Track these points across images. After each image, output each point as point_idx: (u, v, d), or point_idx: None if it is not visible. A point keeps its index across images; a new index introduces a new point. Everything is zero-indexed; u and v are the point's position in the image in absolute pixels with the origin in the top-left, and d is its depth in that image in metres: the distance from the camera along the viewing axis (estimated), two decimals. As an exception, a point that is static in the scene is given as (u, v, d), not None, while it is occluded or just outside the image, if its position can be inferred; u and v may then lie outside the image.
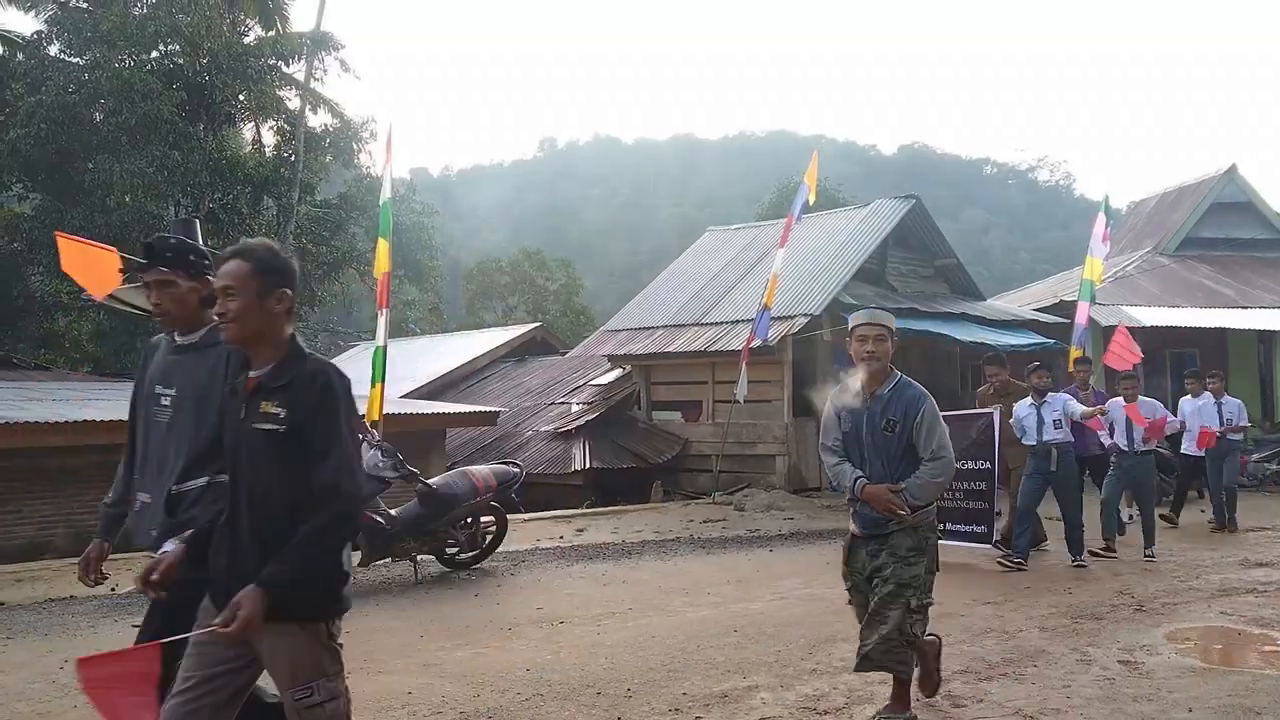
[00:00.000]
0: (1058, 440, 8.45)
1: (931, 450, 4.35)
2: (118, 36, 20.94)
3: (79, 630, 6.39)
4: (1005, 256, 65.26)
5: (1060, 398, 8.65)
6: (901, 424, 4.39)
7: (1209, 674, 5.19)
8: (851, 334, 4.57)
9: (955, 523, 8.71)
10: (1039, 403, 8.53)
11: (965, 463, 8.37)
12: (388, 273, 10.56)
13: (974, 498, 8.75)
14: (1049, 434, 8.46)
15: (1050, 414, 8.48)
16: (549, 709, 4.67)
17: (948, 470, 4.42)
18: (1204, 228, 21.73)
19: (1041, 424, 8.48)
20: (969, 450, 8.58)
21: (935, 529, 4.53)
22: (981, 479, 8.71)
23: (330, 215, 27.17)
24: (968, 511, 8.77)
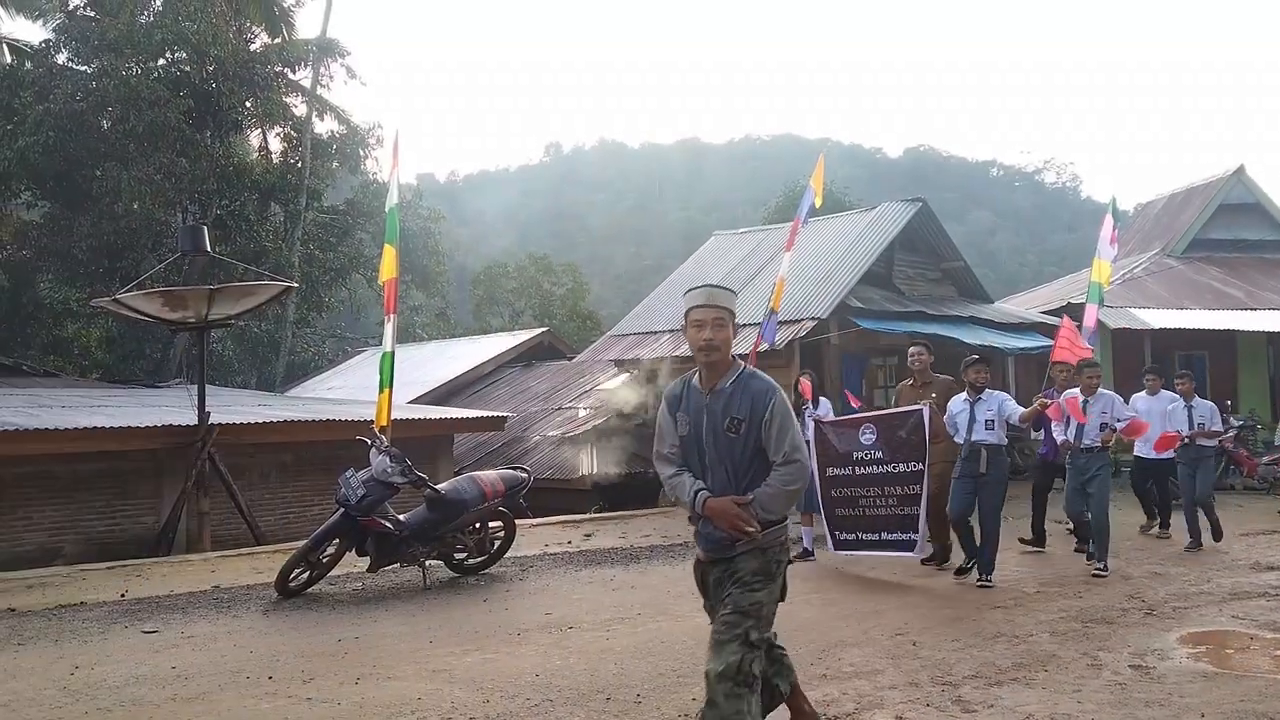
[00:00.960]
0: (988, 441, 7.79)
1: (784, 453, 3.66)
2: (125, 45, 21.05)
3: (90, 636, 6.41)
4: (1012, 259, 65.15)
5: (997, 396, 8.00)
6: (747, 423, 3.69)
7: (1221, 679, 5.16)
8: (686, 318, 3.87)
9: (888, 531, 8.22)
10: (974, 400, 7.91)
11: (896, 465, 8.14)
12: (395, 278, 10.57)
13: (906, 503, 8.13)
14: (979, 434, 7.82)
15: (984, 413, 7.85)
16: (558, 715, 4.66)
17: (802, 476, 3.72)
18: (1212, 229, 21.66)
19: (973, 422, 7.85)
20: (900, 451, 8.16)
21: (788, 550, 3.90)
22: (913, 482, 8.07)
23: (337, 221, 27.27)
24: (900, 518, 8.17)
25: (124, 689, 5.22)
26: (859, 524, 8.42)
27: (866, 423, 8.50)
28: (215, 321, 12.31)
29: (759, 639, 3.65)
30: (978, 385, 7.95)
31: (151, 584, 8.31)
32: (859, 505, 8.39)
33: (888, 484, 8.19)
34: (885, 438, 8.22)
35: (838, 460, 8.58)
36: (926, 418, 8.00)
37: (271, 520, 12.52)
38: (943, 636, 6.04)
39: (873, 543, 8.33)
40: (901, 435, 8.15)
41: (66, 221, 21.59)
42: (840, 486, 8.56)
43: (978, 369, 8.06)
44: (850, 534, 8.50)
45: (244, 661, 5.74)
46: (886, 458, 8.18)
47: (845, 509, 8.53)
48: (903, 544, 8.14)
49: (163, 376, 21.26)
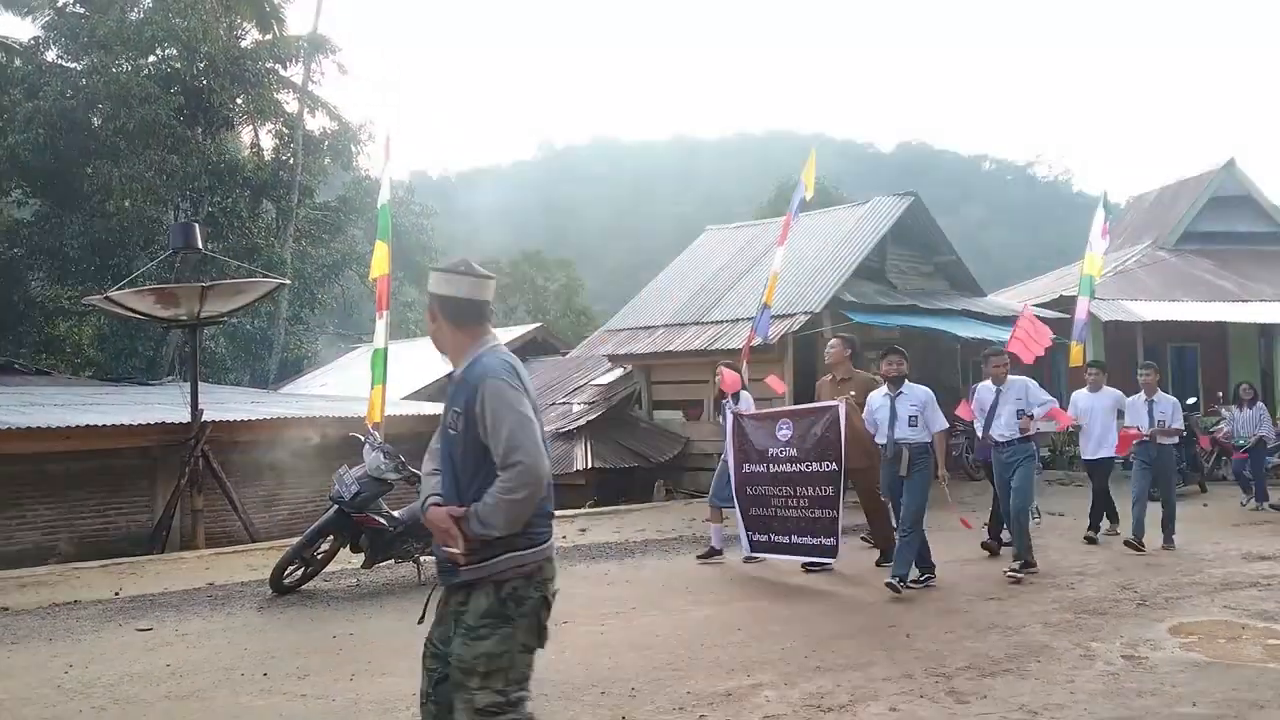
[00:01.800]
0: (910, 439, 7.24)
1: (501, 453, 2.94)
2: (115, 41, 20.97)
3: (83, 635, 6.40)
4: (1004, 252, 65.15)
5: (919, 391, 7.42)
6: (465, 416, 3.04)
7: (1212, 668, 5.19)
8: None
9: (799, 534, 7.82)
10: (894, 394, 7.37)
11: (810, 464, 7.70)
12: (387, 275, 10.56)
13: (819, 505, 7.66)
14: (901, 431, 7.27)
15: (906, 408, 7.30)
16: (553, 709, 4.67)
17: (527, 481, 2.91)
18: (1203, 222, 21.74)
19: (894, 419, 7.30)
20: (814, 450, 7.71)
21: (545, 584, 3.09)
22: (828, 484, 7.61)
23: (329, 218, 27.21)
24: (813, 521, 7.72)
25: (118, 687, 5.21)
26: (772, 525, 8.04)
27: (783, 418, 8.09)
28: (207, 319, 12.28)
29: (489, 705, 2.93)
30: (895, 378, 7.41)
31: (145, 582, 8.30)
32: (772, 505, 8.01)
33: (800, 484, 7.77)
34: (800, 435, 7.81)
35: (754, 457, 8.17)
36: (842, 415, 7.56)
37: (265, 517, 12.51)
38: (936, 628, 6.07)
39: (785, 545, 7.94)
40: (816, 433, 7.70)
41: (58, 219, 21.51)
42: (755, 484, 8.15)
43: (891, 360, 7.47)
44: (763, 535, 8.12)
45: (238, 658, 5.74)
46: (800, 456, 7.79)
47: (759, 508, 8.13)
48: (816, 548, 7.71)
49: (155, 374, 21.21)
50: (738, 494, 8.26)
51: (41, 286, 23.07)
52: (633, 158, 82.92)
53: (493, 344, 3.20)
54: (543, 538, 3.09)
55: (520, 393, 3.04)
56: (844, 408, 7.58)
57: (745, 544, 8.32)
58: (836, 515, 7.58)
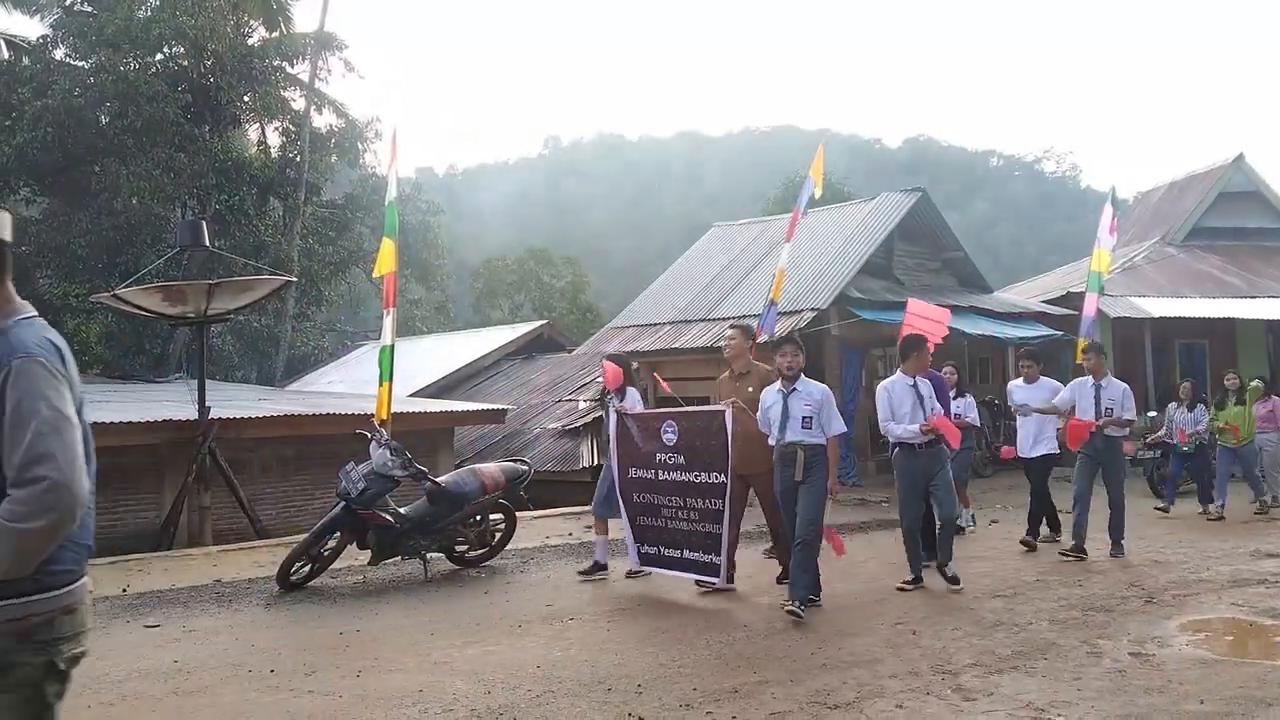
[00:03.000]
0: (804, 442, 6.49)
1: (16, 465, 2.18)
2: (122, 39, 21.03)
3: (91, 631, 6.41)
4: (1012, 249, 65.02)
5: (815, 389, 6.64)
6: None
7: (1220, 666, 5.17)
8: None
9: (689, 549, 7.14)
10: (787, 391, 6.61)
11: (697, 474, 7.01)
12: (394, 272, 10.56)
13: (707, 519, 6.98)
14: (794, 432, 6.51)
15: (801, 405, 6.54)
16: (560, 706, 4.68)
17: (53, 505, 2.18)
18: (1211, 217, 21.67)
19: (787, 418, 6.55)
20: (700, 458, 7.00)
21: (49, 645, 2.30)
22: (714, 496, 6.92)
23: (336, 215, 27.27)
24: (702, 536, 7.03)
25: (126, 683, 5.23)
26: (661, 537, 7.35)
27: (668, 419, 7.31)
28: (215, 316, 12.31)
29: None
30: (788, 372, 6.67)
31: (153, 578, 8.32)
32: (661, 515, 7.33)
33: (690, 495, 7.09)
34: (687, 441, 7.12)
35: (640, 460, 7.45)
36: (728, 421, 6.81)
37: (272, 514, 12.55)
38: (942, 625, 6.06)
39: (674, 560, 7.28)
40: (703, 440, 7.01)
41: (65, 217, 21.59)
42: (643, 491, 7.46)
43: (785, 352, 6.72)
44: (652, 547, 7.44)
45: (246, 655, 5.76)
46: (687, 464, 7.10)
47: (648, 518, 7.44)
48: (705, 566, 7.03)
49: (163, 371, 21.26)
50: (623, 500, 7.58)
51: (49, 284, 23.14)
52: (639, 154, 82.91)
53: (27, 313, 2.36)
54: (65, 579, 2.29)
55: (61, 382, 2.28)
56: (730, 414, 6.81)
57: (633, 556, 7.64)
58: (722, 532, 6.87)
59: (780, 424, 6.55)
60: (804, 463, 6.46)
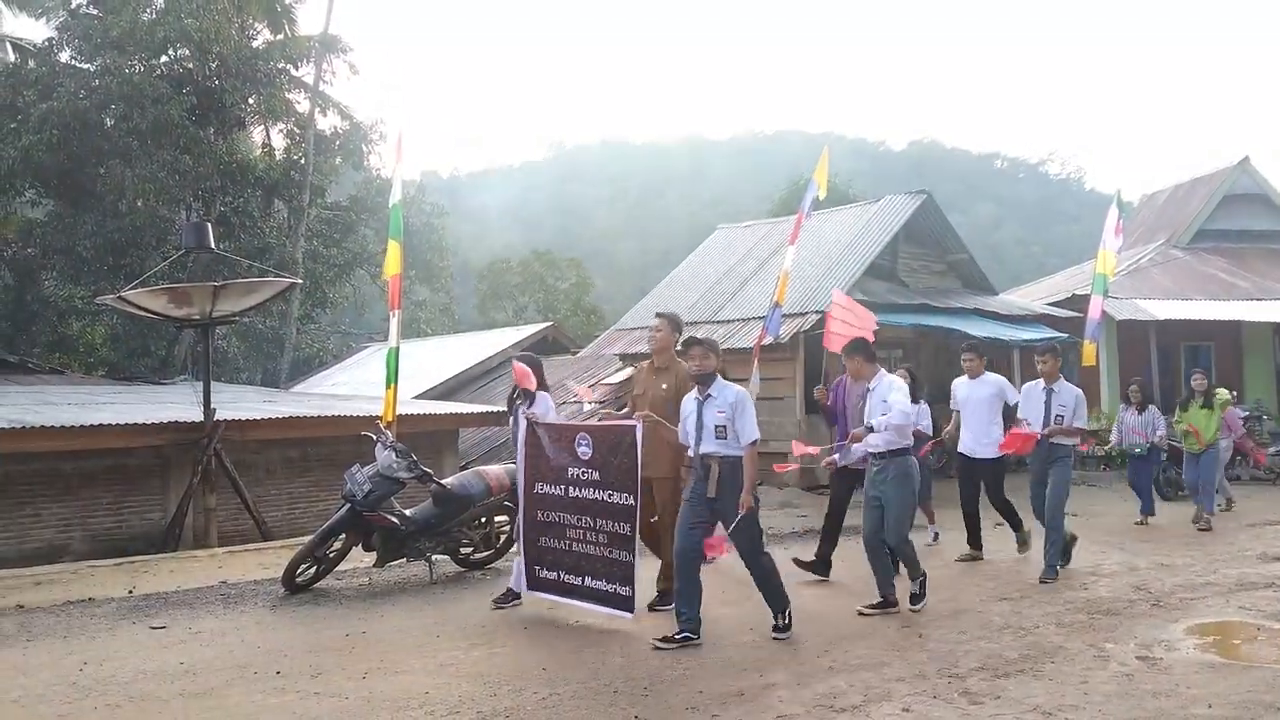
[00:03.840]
0: (718, 453, 5.83)
1: None
2: (127, 42, 21.08)
3: (98, 633, 6.43)
4: (1017, 251, 64.96)
5: (729, 393, 5.93)
6: None
7: (1228, 669, 5.16)
8: None
9: (593, 576, 6.37)
10: (702, 399, 5.94)
11: (610, 493, 6.24)
12: (399, 274, 10.57)
13: (617, 544, 6.24)
14: (709, 444, 5.85)
15: (714, 413, 5.86)
16: (566, 708, 4.68)
17: None
18: (1217, 220, 21.64)
19: (701, 428, 5.90)
20: (612, 476, 6.24)
21: None
22: (625, 520, 6.18)
23: (341, 217, 27.32)
24: (609, 563, 6.29)
25: (132, 684, 5.23)
26: (563, 561, 6.59)
27: (582, 432, 6.56)
28: (220, 318, 12.32)
29: None
30: (702, 376, 5.98)
31: (159, 580, 8.33)
32: (567, 537, 6.56)
33: (600, 515, 6.35)
34: (600, 456, 6.37)
35: (549, 475, 6.69)
36: (639, 439, 6.08)
37: (277, 516, 12.55)
38: (949, 629, 6.05)
39: (575, 588, 6.50)
40: (615, 457, 6.25)
41: (71, 219, 21.63)
42: (548, 509, 6.69)
43: (692, 354, 6.01)
44: (551, 571, 6.66)
45: (251, 656, 5.76)
46: (603, 481, 6.33)
47: (551, 539, 6.67)
48: (611, 597, 6.27)
49: (168, 373, 21.30)
50: (524, 516, 6.84)
51: (55, 286, 23.22)
52: (643, 157, 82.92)
53: None
54: None
55: None
56: (640, 429, 6.10)
57: (518, 578, 6.85)
58: (633, 560, 6.19)
59: (695, 435, 5.93)
60: (718, 478, 5.81)
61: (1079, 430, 7.83)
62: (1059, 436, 7.74)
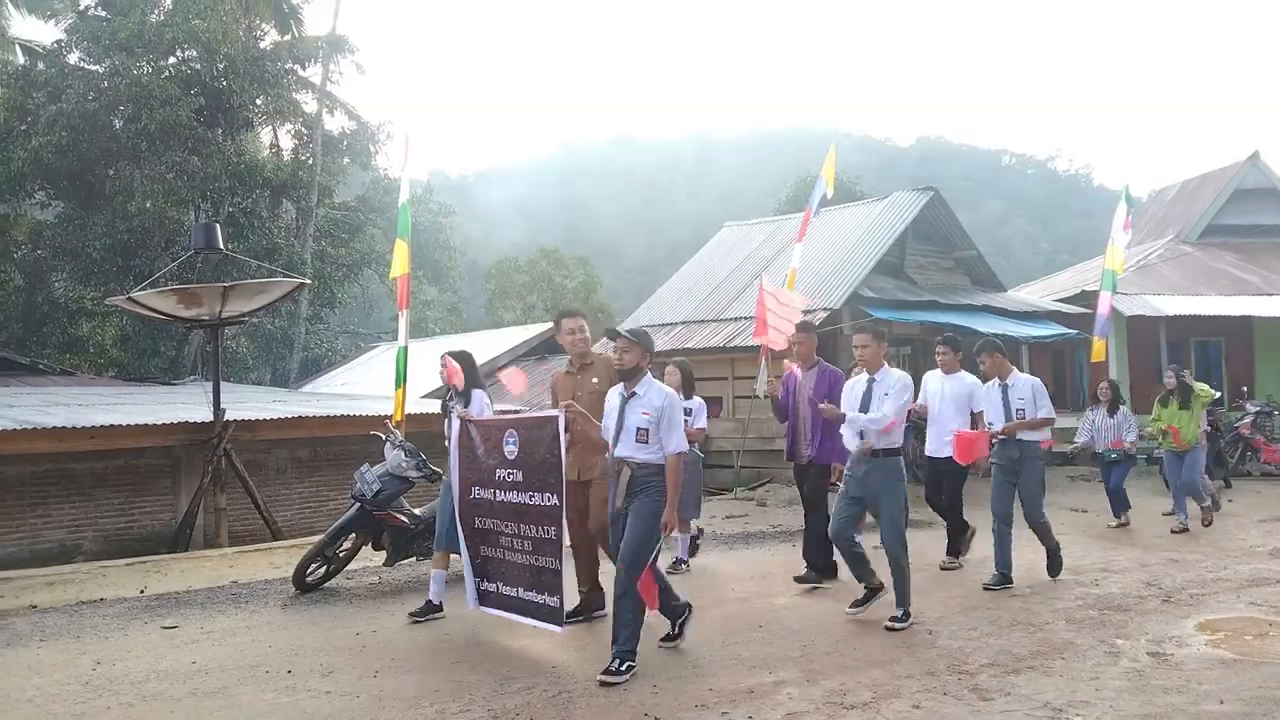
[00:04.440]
0: (634, 458, 5.35)
1: None
2: (136, 44, 21.14)
3: (110, 632, 6.46)
4: (1025, 247, 64.83)
5: (656, 393, 5.40)
6: None
7: (1240, 665, 5.14)
8: None
9: (525, 587, 5.83)
10: (627, 396, 5.47)
11: (533, 494, 5.72)
12: (407, 274, 10.59)
13: (542, 551, 5.69)
14: (626, 446, 5.38)
15: (638, 414, 5.36)
16: (576, 705, 4.69)
17: None
18: (1227, 215, 21.54)
19: (621, 429, 5.43)
20: (536, 475, 5.71)
21: None
22: (549, 523, 5.63)
23: (349, 218, 27.37)
24: (536, 571, 5.74)
25: (145, 684, 5.26)
26: (501, 571, 6.06)
27: (510, 428, 6.03)
28: (229, 318, 12.37)
29: None
30: (622, 371, 5.50)
31: (170, 580, 8.37)
32: (500, 545, 6.04)
33: (525, 520, 5.80)
34: (525, 454, 5.84)
35: (482, 478, 6.19)
36: (562, 429, 5.58)
37: (288, 515, 12.60)
38: (959, 625, 6.04)
39: (513, 600, 5.97)
40: (539, 453, 5.73)
41: (80, 221, 21.72)
42: (484, 515, 6.17)
43: (619, 344, 5.50)
44: (492, 583, 6.16)
45: (263, 656, 5.78)
46: (525, 482, 5.81)
47: (489, 548, 6.15)
48: (541, 609, 5.71)
49: (178, 374, 21.38)
50: (462, 525, 6.33)
51: (65, 287, 23.30)
52: (650, 155, 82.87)
53: None
54: None
55: None
56: (564, 419, 5.60)
57: (470, 593, 6.33)
58: (559, 567, 5.64)
59: (615, 435, 5.43)
60: (627, 485, 5.33)
61: (1044, 421, 7.29)
62: (1023, 431, 7.23)
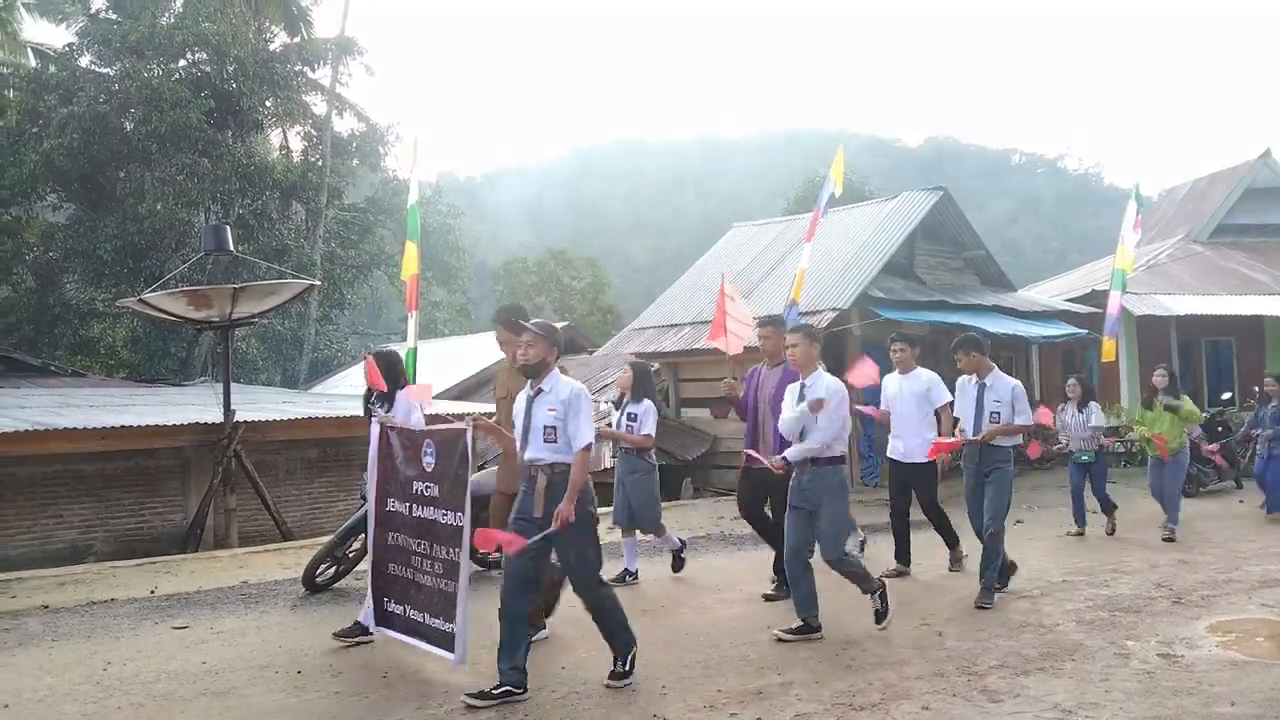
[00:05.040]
0: (547, 460, 4.93)
1: None
2: (146, 46, 21.24)
3: (121, 633, 6.49)
4: (1035, 246, 64.63)
5: (563, 388, 4.96)
6: None
7: (1251, 667, 5.12)
8: None
9: (431, 612, 5.36)
10: (533, 394, 5.03)
11: (444, 513, 5.33)
12: (416, 275, 10.59)
13: (448, 574, 5.26)
14: (534, 448, 4.97)
15: (544, 412, 4.94)
16: (585, 706, 4.69)
17: None
18: (1238, 214, 21.42)
19: (529, 429, 5.01)
20: (449, 491, 5.33)
21: None
22: (454, 544, 5.23)
23: (358, 219, 27.44)
24: (441, 596, 5.28)
25: (155, 684, 5.28)
26: (408, 592, 5.59)
27: (429, 437, 5.60)
28: (239, 320, 12.40)
29: None
30: (524, 366, 5.06)
31: (180, 580, 8.40)
32: (410, 565, 5.58)
33: (435, 539, 5.38)
34: (440, 468, 5.44)
35: (399, 489, 5.75)
36: (469, 443, 5.19)
37: (297, 516, 12.63)
38: (968, 627, 6.03)
39: (417, 626, 5.48)
40: (450, 468, 5.35)
41: (91, 223, 21.82)
42: (397, 530, 5.72)
43: (524, 338, 5.03)
44: (399, 605, 5.66)
45: (273, 656, 5.80)
46: (440, 497, 5.40)
47: (399, 566, 5.68)
48: (441, 637, 5.24)
49: (188, 375, 21.46)
50: (373, 540, 5.92)
51: (76, 289, 23.42)
52: (658, 156, 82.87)
53: None
54: None
55: None
56: (471, 433, 5.21)
57: (367, 612, 5.92)
58: (455, 590, 5.16)
59: (522, 437, 5.04)
60: (543, 490, 4.93)
61: (1020, 428, 6.79)
62: (998, 438, 6.72)
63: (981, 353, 6.94)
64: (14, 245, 22.34)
